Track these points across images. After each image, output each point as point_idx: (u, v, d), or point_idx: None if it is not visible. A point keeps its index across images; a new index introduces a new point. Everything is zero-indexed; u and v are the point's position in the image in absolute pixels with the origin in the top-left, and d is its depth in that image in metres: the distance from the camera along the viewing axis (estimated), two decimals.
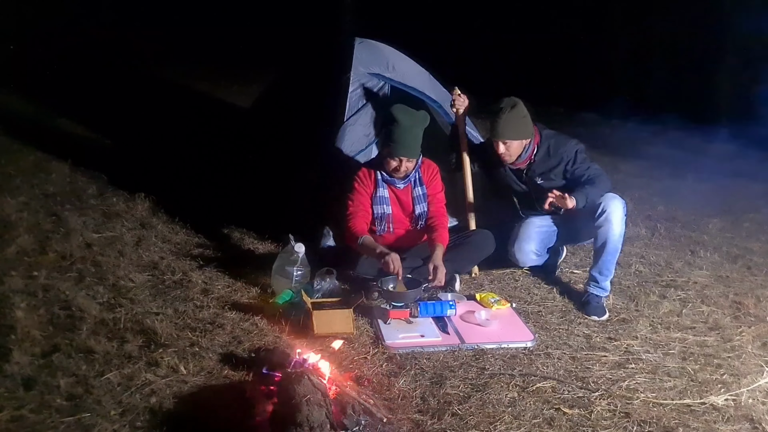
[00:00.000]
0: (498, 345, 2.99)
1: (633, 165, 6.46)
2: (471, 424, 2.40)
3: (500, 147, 3.51)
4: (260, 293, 3.35)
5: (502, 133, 3.48)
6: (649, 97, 8.04)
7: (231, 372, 2.63)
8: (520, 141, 3.52)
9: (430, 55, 4.62)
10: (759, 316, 3.44)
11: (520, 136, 3.51)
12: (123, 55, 9.48)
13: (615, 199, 3.42)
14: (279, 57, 7.17)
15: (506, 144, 3.50)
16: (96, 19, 10.87)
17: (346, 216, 3.44)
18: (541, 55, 9.38)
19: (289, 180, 3.93)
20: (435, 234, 3.46)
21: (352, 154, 3.77)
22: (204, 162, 5.05)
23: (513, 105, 3.47)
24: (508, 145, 3.51)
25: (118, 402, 2.37)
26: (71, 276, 3.33)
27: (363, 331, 3.06)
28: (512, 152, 3.54)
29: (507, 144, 3.50)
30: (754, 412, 2.59)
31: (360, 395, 2.42)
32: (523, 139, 3.52)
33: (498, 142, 3.50)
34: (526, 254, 3.71)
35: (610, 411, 2.54)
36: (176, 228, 4.07)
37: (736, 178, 6.15)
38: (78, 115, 6.55)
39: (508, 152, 3.53)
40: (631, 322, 3.32)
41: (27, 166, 5.06)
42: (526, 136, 3.53)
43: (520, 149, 3.54)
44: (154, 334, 2.82)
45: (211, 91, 8.25)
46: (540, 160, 3.59)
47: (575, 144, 3.59)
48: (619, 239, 3.41)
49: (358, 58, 4.01)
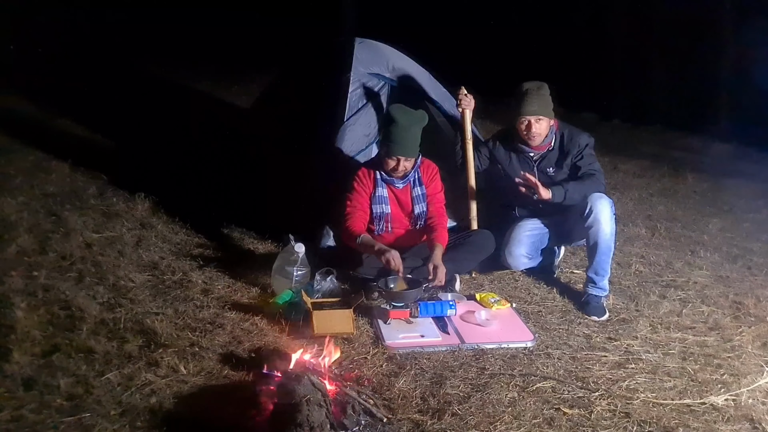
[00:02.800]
0: (498, 345, 2.99)
1: (633, 165, 6.46)
2: (471, 424, 2.40)
3: (533, 125, 3.54)
4: (260, 293, 3.35)
5: (536, 110, 3.52)
6: (649, 97, 8.04)
7: (231, 372, 2.63)
8: (548, 120, 3.58)
9: (430, 55, 4.62)
10: (759, 316, 3.44)
11: (550, 114, 3.57)
12: (123, 55, 9.47)
13: (601, 199, 3.44)
14: (279, 57, 7.16)
15: (539, 121, 3.54)
16: (96, 19, 10.86)
17: (344, 215, 3.44)
18: (541, 55, 9.37)
19: (289, 180, 3.93)
20: (434, 234, 3.47)
21: (352, 154, 3.77)
22: (204, 162, 5.05)
23: (539, 86, 3.56)
24: (540, 123, 3.55)
25: (118, 402, 2.37)
26: (71, 276, 3.32)
27: (363, 331, 3.06)
28: (542, 131, 3.58)
29: (540, 121, 3.54)
30: (754, 412, 2.59)
31: (360, 395, 2.42)
32: (551, 118, 3.59)
33: (530, 120, 3.54)
34: (518, 258, 3.72)
35: (610, 411, 2.54)
36: (176, 228, 4.07)
37: (736, 178, 6.15)
38: (78, 115, 6.54)
39: (539, 131, 3.56)
40: (631, 322, 3.32)
41: (27, 166, 5.05)
42: (552, 116, 3.60)
43: (548, 129, 3.60)
44: (154, 334, 2.82)
45: (211, 91, 8.25)
46: (556, 148, 3.65)
47: (588, 137, 3.66)
48: (610, 238, 3.42)
49: (358, 58, 4.00)
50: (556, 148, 3.65)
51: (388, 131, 3.38)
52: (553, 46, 9.53)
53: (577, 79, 8.65)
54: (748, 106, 6.89)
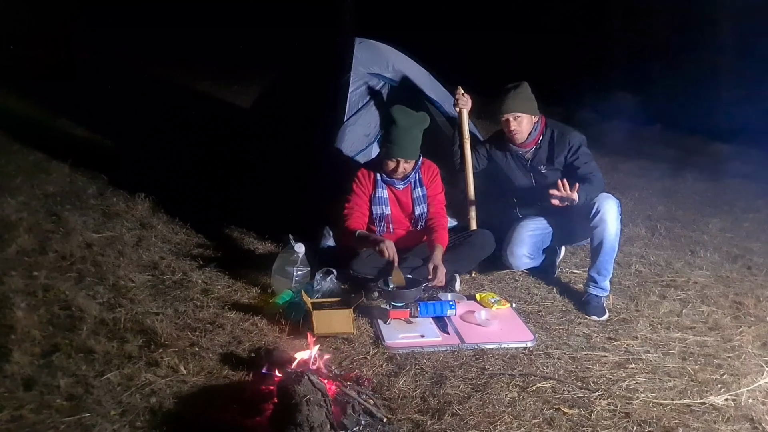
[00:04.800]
0: (498, 345, 2.99)
1: (633, 165, 6.45)
2: (471, 424, 2.40)
3: (511, 123, 3.56)
4: (260, 293, 3.35)
5: (513, 107, 3.54)
6: (650, 97, 8.03)
7: (231, 372, 2.63)
8: (530, 117, 3.59)
9: (430, 55, 4.62)
10: (759, 316, 3.44)
11: (529, 110, 3.58)
12: (123, 55, 9.47)
13: (609, 199, 3.44)
14: (279, 57, 7.16)
15: (517, 119, 3.55)
16: (96, 19, 10.86)
17: (342, 216, 3.45)
18: (541, 55, 9.38)
19: (289, 180, 3.93)
20: (435, 235, 3.47)
21: (352, 155, 3.77)
22: (204, 162, 5.05)
23: (518, 84, 3.57)
24: (519, 120, 3.56)
25: (118, 402, 2.37)
26: (71, 276, 3.33)
27: (363, 331, 3.06)
28: (523, 128, 3.59)
29: (518, 119, 3.56)
30: (754, 412, 2.59)
31: (360, 395, 2.42)
32: (532, 114, 3.59)
33: (509, 118, 3.56)
34: (519, 258, 3.72)
35: (610, 411, 2.54)
36: (176, 228, 4.07)
37: (736, 178, 6.15)
38: (78, 115, 6.54)
39: (519, 128, 3.58)
40: (631, 322, 3.32)
41: (27, 166, 5.06)
42: (534, 112, 3.60)
43: (530, 126, 3.60)
44: (154, 334, 2.82)
45: (211, 91, 8.25)
46: (545, 146, 3.64)
47: (579, 136, 3.66)
48: (615, 239, 3.42)
49: (358, 58, 4.01)
50: (545, 146, 3.65)
51: (389, 132, 3.38)
52: (552, 46, 9.54)
53: (577, 78, 8.65)
54: (749, 105, 6.88)
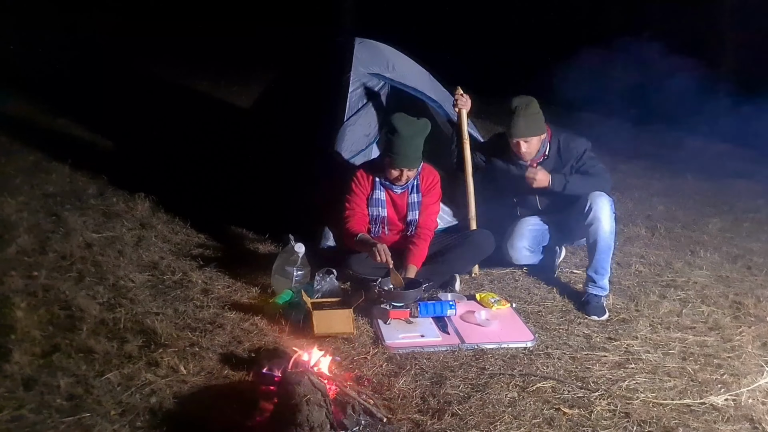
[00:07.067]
0: (498, 345, 2.99)
1: (633, 165, 6.46)
2: (471, 424, 2.40)
3: (522, 146, 3.57)
4: (260, 293, 3.35)
5: (523, 132, 3.54)
6: (649, 97, 8.03)
7: (231, 372, 2.63)
8: (539, 137, 3.59)
9: (430, 55, 4.62)
10: (759, 316, 3.44)
11: (538, 132, 3.58)
12: (123, 55, 9.47)
13: (601, 197, 3.45)
14: (279, 57, 7.15)
15: (527, 142, 3.56)
16: (96, 19, 10.86)
17: (344, 218, 3.45)
18: (541, 55, 9.37)
19: (289, 180, 3.93)
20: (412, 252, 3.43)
21: (351, 155, 3.77)
22: (204, 162, 5.04)
23: (527, 103, 3.55)
24: (529, 143, 3.57)
25: (118, 402, 2.37)
26: (71, 276, 3.32)
27: (363, 331, 3.06)
28: (532, 149, 3.60)
29: (528, 141, 3.56)
30: (754, 412, 2.59)
31: (360, 395, 2.42)
32: (541, 134, 3.60)
33: (519, 141, 3.56)
34: (519, 251, 3.74)
35: (610, 411, 2.54)
36: (176, 228, 4.07)
37: (736, 178, 6.15)
38: (78, 115, 6.54)
39: (530, 149, 3.59)
40: (631, 322, 3.32)
41: (27, 166, 5.05)
42: (543, 131, 3.61)
43: (539, 144, 3.62)
44: (154, 334, 2.82)
45: (211, 91, 8.24)
46: (553, 156, 3.66)
47: (584, 142, 3.68)
48: (610, 236, 3.43)
49: (358, 58, 4.00)
50: (553, 156, 3.67)
51: (391, 142, 3.37)
52: (552, 46, 9.53)
53: (577, 78, 8.65)
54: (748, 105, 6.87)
